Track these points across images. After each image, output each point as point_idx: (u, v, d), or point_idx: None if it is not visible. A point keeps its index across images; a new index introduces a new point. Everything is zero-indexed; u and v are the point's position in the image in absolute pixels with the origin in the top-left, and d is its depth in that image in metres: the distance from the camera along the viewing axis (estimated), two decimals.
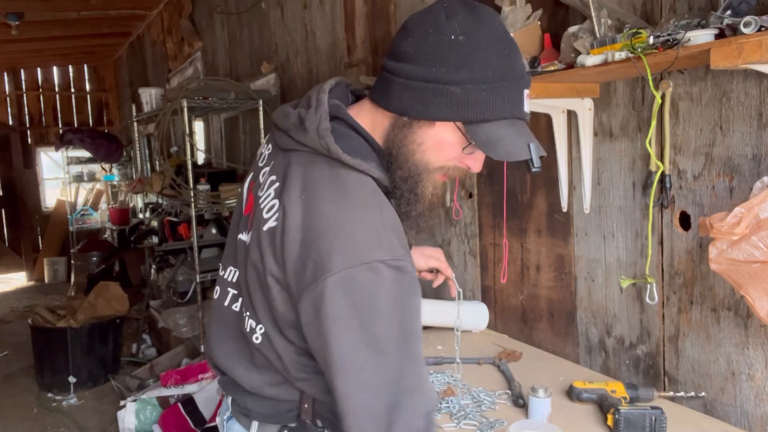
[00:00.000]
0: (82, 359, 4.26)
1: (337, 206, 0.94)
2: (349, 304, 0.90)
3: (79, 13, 5.87)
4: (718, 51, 1.15)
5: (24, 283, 8.54)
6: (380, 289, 0.90)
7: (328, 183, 0.97)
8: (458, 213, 2.38)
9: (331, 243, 0.91)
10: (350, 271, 0.90)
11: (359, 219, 0.94)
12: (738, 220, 1.24)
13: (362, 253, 0.90)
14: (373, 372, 0.90)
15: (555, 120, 1.83)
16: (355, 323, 0.90)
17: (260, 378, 1.10)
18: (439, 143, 0.99)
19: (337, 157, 0.97)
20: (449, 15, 0.95)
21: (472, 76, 0.93)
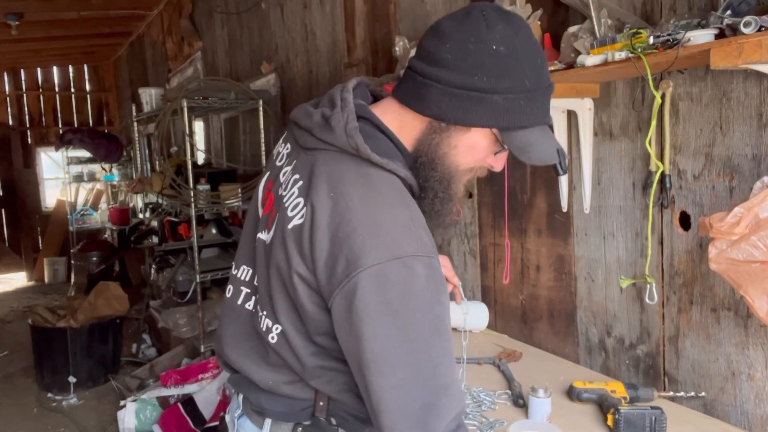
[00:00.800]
0: (82, 359, 4.26)
1: (367, 203, 0.95)
2: (383, 299, 0.89)
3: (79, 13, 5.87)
4: (718, 51, 1.15)
5: (24, 283, 8.54)
6: (414, 284, 0.91)
7: (356, 180, 0.97)
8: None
9: (363, 238, 0.91)
10: (383, 266, 0.90)
11: (390, 215, 0.95)
12: (738, 220, 1.24)
13: (395, 248, 0.91)
14: (408, 368, 0.90)
15: (555, 120, 1.83)
16: (389, 319, 0.89)
17: (275, 376, 1.10)
18: (472, 147, 1.02)
19: (366, 157, 0.99)
20: (489, 24, 0.97)
21: (512, 86, 0.96)
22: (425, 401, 0.89)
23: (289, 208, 1.02)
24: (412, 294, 0.91)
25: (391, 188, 0.99)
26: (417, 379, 0.90)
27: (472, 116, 0.98)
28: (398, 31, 2.60)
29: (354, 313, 0.90)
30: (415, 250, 0.92)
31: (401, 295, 0.90)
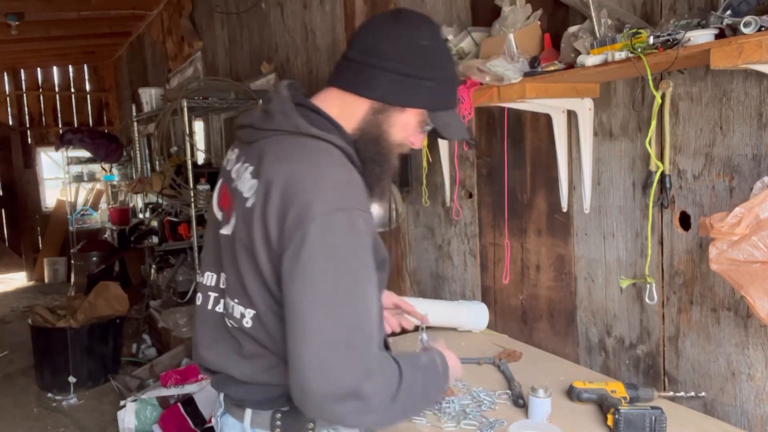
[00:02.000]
0: (82, 359, 4.26)
1: (311, 166, 1.09)
2: (328, 244, 1.02)
3: (79, 13, 5.86)
4: (718, 51, 1.15)
5: (24, 283, 8.53)
6: (356, 233, 1.04)
7: (300, 150, 1.12)
8: (458, 213, 2.38)
9: (310, 194, 1.04)
10: (330, 216, 1.03)
11: (332, 174, 1.09)
12: (738, 221, 1.24)
13: (339, 201, 1.05)
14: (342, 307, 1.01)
15: (555, 120, 1.83)
16: (333, 262, 1.02)
17: (252, 366, 1.17)
18: (405, 125, 1.20)
19: (305, 131, 1.13)
20: (416, 24, 1.18)
21: (438, 75, 1.18)
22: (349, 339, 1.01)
23: (245, 191, 1.14)
24: (354, 242, 1.04)
25: (330, 155, 1.13)
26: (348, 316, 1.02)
27: (410, 99, 1.17)
28: None
29: (301, 259, 1.01)
30: (357, 203, 1.06)
31: (345, 241, 1.03)
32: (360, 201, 1.08)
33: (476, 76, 1.66)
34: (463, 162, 2.33)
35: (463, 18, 2.22)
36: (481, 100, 1.70)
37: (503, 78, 1.59)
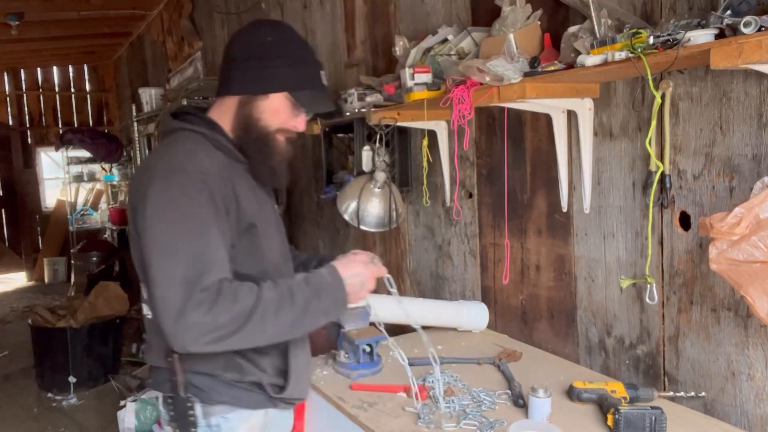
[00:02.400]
0: (82, 359, 4.26)
1: (167, 146, 1.35)
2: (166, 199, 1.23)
3: (79, 13, 5.86)
4: (718, 51, 1.15)
5: (24, 283, 8.53)
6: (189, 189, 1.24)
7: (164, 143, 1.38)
8: (458, 213, 2.38)
9: (156, 164, 1.30)
10: (166, 178, 1.26)
11: (179, 147, 1.32)
12: (738, 221, 1.24)
13: (178, 166, 1.27)
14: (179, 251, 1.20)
15: (555, 120, 1.83)
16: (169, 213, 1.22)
17: (156, 353, 1.37)
18: (275, 110, 1.38)
19: (174, 126, 1.38)
20: (260, 27, 1.42)
21: (288, 60, 1.37)
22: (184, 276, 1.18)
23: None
24: (188, 197, 1.23)
25: (187, 138, 1.35)
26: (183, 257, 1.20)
27: (267, 85, 1.36)
28: (398, 31, 2.60)
29: (146, 215, 1.23)
30: (193, 167, 1.27)
31: (180, 196, 1.23)
32: (199, 166, 1.27)
33: (476, 76, 1.66)
34: (463, 162, 2.33)
35: (463, 18, 2.22)
36: (481, 100, 1.69)
37: (503, 78, 1.59)
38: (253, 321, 1.20)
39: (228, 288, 1.21)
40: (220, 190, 1.28)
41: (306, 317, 1.28)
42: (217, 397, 1.35)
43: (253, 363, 1.36)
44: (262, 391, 1.39)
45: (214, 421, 1.36)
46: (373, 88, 2.44)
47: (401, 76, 2.08)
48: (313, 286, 1.30)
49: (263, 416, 1.43)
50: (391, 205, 2.38)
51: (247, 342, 1.24)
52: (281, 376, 1.42)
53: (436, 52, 2.06)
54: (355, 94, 2.44)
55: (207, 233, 1.24)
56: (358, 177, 2.48)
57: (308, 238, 3.74)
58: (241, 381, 1.37)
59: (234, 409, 1.37)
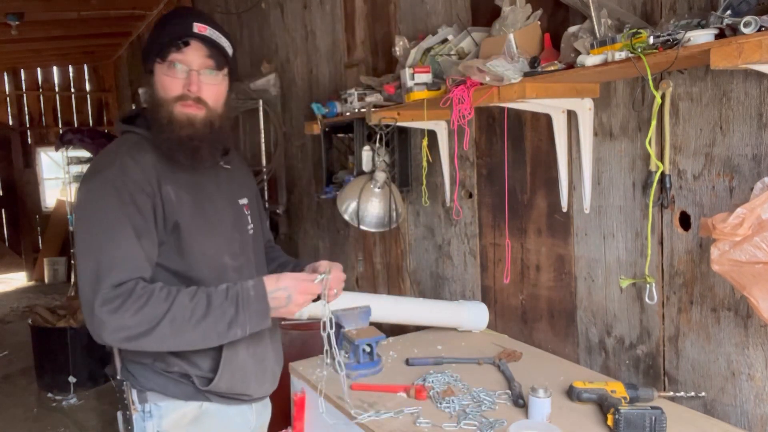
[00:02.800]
0: (82, 359, 4.25)
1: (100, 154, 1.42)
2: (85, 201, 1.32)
3: (79, 13, 5.86)
4: (718, 51, 1.15)
5: (24, 283, 8.53)
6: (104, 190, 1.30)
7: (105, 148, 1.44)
8: (458, 213, 2.38)
9: (85, 175, 1.38)
10: (88, 180, 1.34)
11: (109, 150, 1.41)
12: (740, 221, 1.23)
13: (100, 168, 1.35)
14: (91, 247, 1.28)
15: (555, 120, 1.83)
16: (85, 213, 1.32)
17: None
18: (161, 83, 1.38)
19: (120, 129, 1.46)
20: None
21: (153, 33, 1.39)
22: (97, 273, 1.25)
23: None
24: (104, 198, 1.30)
25: (123, 141, 1.42)
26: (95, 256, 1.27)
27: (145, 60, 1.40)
28: (398, 31, 2.60)
29: (74, 217, 1.34)
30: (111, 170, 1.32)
31: (96, 198, 1.31)
32: (122, 168, 1.32)
33: (476, 76, 1.66)
34: (463, 162, 2.33)
35: (463, 18, 2.22)
36: (481, 100, 1.69)
37: (503, 78, 1.59)
38: (162, 325, 1.25)
39: (141, 290, 1.26)
40: (143, 189, 1.32)
41: (219, 326, 1.29)
42: (146, 384, 1.42)
43: (181, 356, 1.40)
44: (191, 383, 1.43)
45: (147, 407, 1.43)
46: (373, 88, 2.44)
47: (401, 76, 2.08)
48: (232, 298, 1.30)
49: (197, 408, 1.45)
50: (391, 205, 2.38)
51: (160, 345, 1.29)
52: (211, 369, 1.43)
53: (436, 52, 2.06)
54: (355, 94, 2.44)
55: (120, 233, 1.28)
56: (358, 177, 2.48)
57: (308, 238, 3.74)
58: (169, 371, 1.42)
59: (165, 398, 1.43)
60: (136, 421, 1.42)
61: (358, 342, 1.84)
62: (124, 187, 1.31)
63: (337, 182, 2.84)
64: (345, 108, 2.52)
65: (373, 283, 3.06)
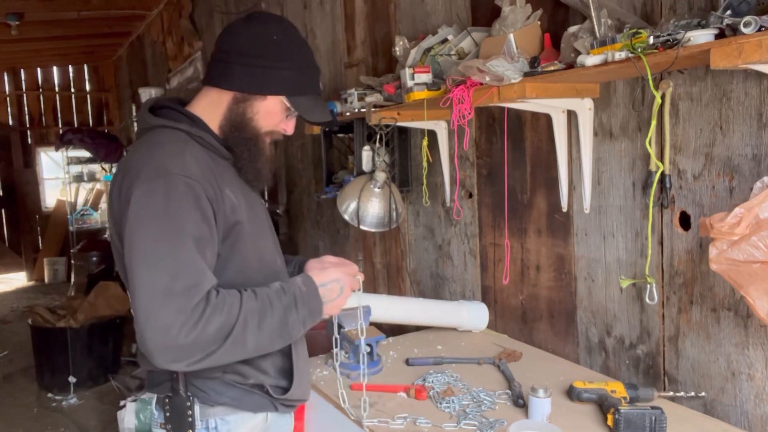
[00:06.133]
0: (82, 359, 4.25)
1: (149, 146, 1.27)
2: (148, 204, 1.17)
3: (79, 13, 5.86)
4: (718, 51, 1.15)
5: (24, 283, 8.53)
6: (174, 194, 1.17)
7: (147, 138, 1.30)
8: (458, 213, 2.38)
9: (139, 169, 1.21)
10: (151, 182, 1.18)
11: (163, 149, 1.25)
12: (738, 221, 1.24)
13: (161, 170, 1.19)
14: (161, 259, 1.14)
15: (555, 120, 1.83)
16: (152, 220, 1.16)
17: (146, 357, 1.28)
18: (269, 112, 1.35)
19: (153, 123, 1.31)
20: (266, 23, 1.35)
21: (291, 64, 1.33)
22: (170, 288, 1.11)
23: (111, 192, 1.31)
24: (172, 202, 1.17)
25: (171, 136, 1.28)
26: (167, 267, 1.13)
27: (267, 86, 1.32)
28: (398, 31, 2.60)
29: (129, 222, 1.17)
30: (180, 170, 1.19)
31: (163, 202, 1.16)
32: (185, 168, 1.20)
33: (476, 76, 1.66)
34: (463, 162, 2.33)
35: (463, 18, 2.22)
36: (481, 100, 1.70)
37: (503, 78, 1.59)
38: (236, 332, 1.15)
39: (215, 299, 1.16)
40: (206, 192, 1.22)
41: (285, 328, 1.23)
42: (216, 398, 1.32)
43: (253, 366, 1.32)
44: (264, 393, 1.35)
45: (212, 423, 1.32)
46: (373, 88, 2.44)
47: (401, 76, 2.08)
48: (290, 295, 1.25)
49: (263, 421, 1.38)
50: (391, 205, 2.38)
51: (231, 356, 1.18)
52: (284, 377, 1.38)
53: (436, 52, 2.06)
54: (355, 94, 2.44)
55: (193, 241, 1.17)
56: (358, 177, 2.48)
57: (308, 238, 3.74)
58: (243, 383, 1.33)
59: (234, 411, 1.33)
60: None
61: (358, 342, 1.83)
62: (190, 188, 1.19)
63: (337, 182, 2.84)
64: (345, 108, 2.52)
65: (373, 283, 3.06)
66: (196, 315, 1.11)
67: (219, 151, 1.34)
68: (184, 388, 1.29)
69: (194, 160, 1.24)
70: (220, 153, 1.34)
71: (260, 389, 1.35)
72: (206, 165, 1.27)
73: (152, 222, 1.16)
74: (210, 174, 1.26)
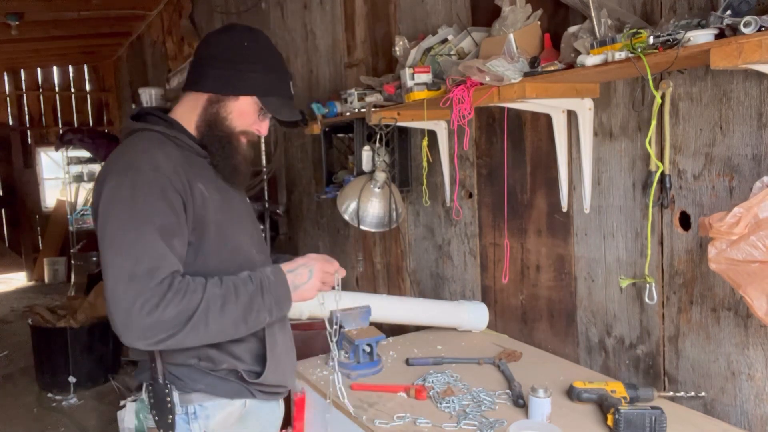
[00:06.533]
0: (82, 359, 4.26)
1: (124, 150, 1.37)
2: (117, 197, 1.26)
3: (79, 13, 5.86)
4: (718, 51, 1.15)
5: (24, 283, 8.53)
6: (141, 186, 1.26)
7: (123, 143, 1.40)
8: (458, 213, 2.38)
9: (112, 162, 1.33)
10: (120, 174, 1.29)
11: (136, 146, 1.35)
12: (737, 220, 1.24)
13: (132, 163, 1.30)
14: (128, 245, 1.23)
15: (555, 120, 1.83)
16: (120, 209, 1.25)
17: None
18: (241, 113, 1.43)
19: (133, 128, 1.41)
20: (239, 32, 1.46)
21: (262, 66, 1.42)
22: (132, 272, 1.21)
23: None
24: (139, 193, 1.26)
25: (146, 137, 1.38)
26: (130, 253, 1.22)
27: (238, 87, 1.40)
28: (398, 31, 2.60)
29: (99, 211, 1.27)
30: (147, 165, 1.29)
31: (130, 193, 1.26)
32: (153, 163, 1.30)
33: (476, 76, 1.66)
34: (463, 162, 2.33)
35: (463, 18, 2.22)
36: (481, 100, 1.70)
37: (503, 78, 1.59)
38: (197, 316, 1.23)
39: (179, 284, 1.24)
40: (174, 186, 1.30)
41: (250, 314, 1.30)
42: (192, 385, 1.39)
43: (227, 352, 1.39)
44: (239, 380, 1.42)
45: (191, 408, 1.39)
46: (373, 88, 2.44)
47: (401, 76, 2.08)
48: (256, 283, 1.32)
49: (241, 407, 1.45)
50: (391, 205, 2.38)
51: (193, 339, 1.26)
52: (259, 362, 1.44)
53: (436, 52, 2.06)
54: (355, 94, 2.44)
55: (157, 229, 1.25)
56: (358, 177, 2.48)
57: (308, 238, 3.74)
58: (216, 369, 1.40)
59: (211, 397, 1.40)
60: (179, 424, 1.38)
61: (358, 342, 1.84)
62: (157, 181, 1.28)
63: (337, 182, 2.84)
64: (345, 108, 2.52)
65: (373, 283, 3.06)
66: (157, 297, 1.20)
67: (194, 149, 1.43)
68: (162, 376, 1.38)
69: (165, 157, 1.33)
70: (195, 151, 1.43)
71: (235, 375, 1.42)
72: (178, 162, 1.35)
73: (119, 211, 1.26)
74: (181, 170, 1.34)
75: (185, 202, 1.32)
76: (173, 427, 1.38)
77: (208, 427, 1.40)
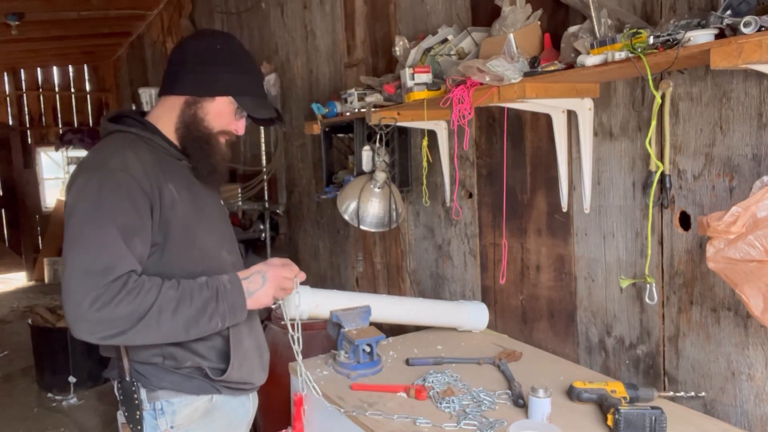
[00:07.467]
0: (82, 359, 4.26)
1: (97, 151, 1.41)
2: (82, 196, 1.30)
3: (79, 13, 5.86)
4: (718, 51, 1.15)
5: (24, 283, 8.53)
6: (106, 186, 1.30)
7: (98, 144, 1.44)
8: (458, 213, 2.38)
9: (82, 167, 1.37)
10: (87, 175, 1.33)
11: (107, 148, 1.39)
12: (735, 219, 1.24)
13: (100, 165, 1.34)
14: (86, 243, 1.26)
15: (555, 120, 1.83)
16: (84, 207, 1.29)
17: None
18: (218, 113, 1.47)
19: (109, 129, 1.45)
20: (210, 36, 1.52)
21: (234, 68, 1.47)
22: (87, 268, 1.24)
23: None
24: (103, 194, 1.29)
25: (119, 139, 1.41)
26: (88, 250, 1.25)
27: (213, 88, 1.44)
28: (398, 31, 2.60)
29: (66, 211, 1.30)
30: (116, 166, 1.32)
31: (95, 193, 1.29)
32: (122, 164, 1.33)
33: (476, 76, 1.66)
34: (463, 162, 2.33)
35: (463, 18, 2.22)
36: (481, 100, 1.70)
37: (503, 78, 1.59)
38: (149, 316, 1.26)
39: (133, 283, 1.27)
40: (142, 187, 1.33)
41: (202, 318, 1.33)
42: (158, 382, 1.43)
43: (190, 350, 1.43)
44: (204, 377, 1.45)
45: (158, 404, 1.43)
46: (373, 88, 2.44)
47: (401, 76, 2.08)
48: (212, 289, 1.35)
49: (208, 402, 1.48)
50: (391, 205, 2.38)
51: (143, 338, 1.28)
52: (224, 360, 1.47)
53: (436, 52, 2.06)
54: (355, 94, 2.44)
55: (118, 228, 1.28)
56: (358, 177, 2.48)
57: (308, 238, 3.74)
58: (180, 367, 1.43)
59: (177, 394, 1.44)
60: (146, 419, 1.43)
61: (358, 342, 1.83)
62: (124, 181, 1.32)
63: (337, 182, 2.84)
64: (345, 108, 2.52)
65: (373, 283, 3.06)
66: (109, 294, 1.23)
67: (169, 151, 1.47)
68: (129, 373, 1.41)
69: (135, 158, 1.36)
70: (170, 153, 1.47)
71: (199, 372, 1.45)
72: (149, 163, 1.38)
73: (84, 208, 1.29)
74: (151, 171, 1.37)
75: (152, 204, 1.35)
76: (141, 422, 1.42)
77: (175, 422, 1.45)
